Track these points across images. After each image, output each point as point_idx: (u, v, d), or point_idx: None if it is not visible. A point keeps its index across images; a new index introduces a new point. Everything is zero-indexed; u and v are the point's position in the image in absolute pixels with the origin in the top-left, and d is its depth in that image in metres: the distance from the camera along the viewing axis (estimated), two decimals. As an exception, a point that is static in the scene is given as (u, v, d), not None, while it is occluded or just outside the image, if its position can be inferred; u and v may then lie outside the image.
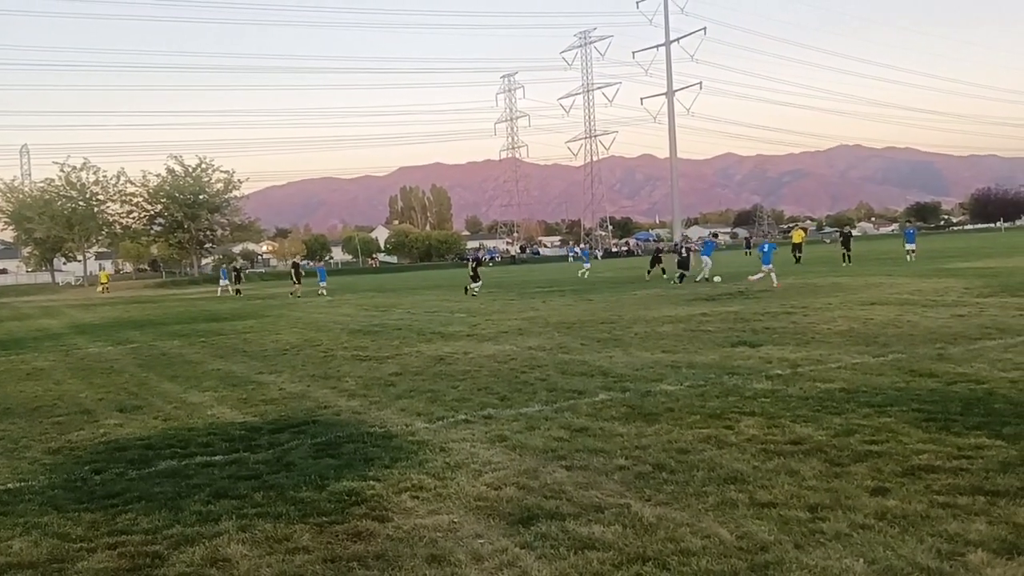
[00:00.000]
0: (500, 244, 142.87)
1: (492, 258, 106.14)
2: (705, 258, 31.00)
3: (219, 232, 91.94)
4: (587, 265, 43.04)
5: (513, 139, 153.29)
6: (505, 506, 5.24)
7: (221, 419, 8.84)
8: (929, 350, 10.62)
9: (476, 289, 30.01)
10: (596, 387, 9.39)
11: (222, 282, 48.28)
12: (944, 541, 4.24)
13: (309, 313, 26.06)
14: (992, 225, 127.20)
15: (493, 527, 4.88)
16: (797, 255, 40.22)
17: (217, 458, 7.00)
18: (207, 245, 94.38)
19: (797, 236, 43.90)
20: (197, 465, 6.81)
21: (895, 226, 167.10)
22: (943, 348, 10.71)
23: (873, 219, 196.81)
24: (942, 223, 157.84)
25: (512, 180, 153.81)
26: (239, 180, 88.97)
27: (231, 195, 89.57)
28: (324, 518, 5.21)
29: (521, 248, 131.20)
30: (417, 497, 5.57)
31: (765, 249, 27.09)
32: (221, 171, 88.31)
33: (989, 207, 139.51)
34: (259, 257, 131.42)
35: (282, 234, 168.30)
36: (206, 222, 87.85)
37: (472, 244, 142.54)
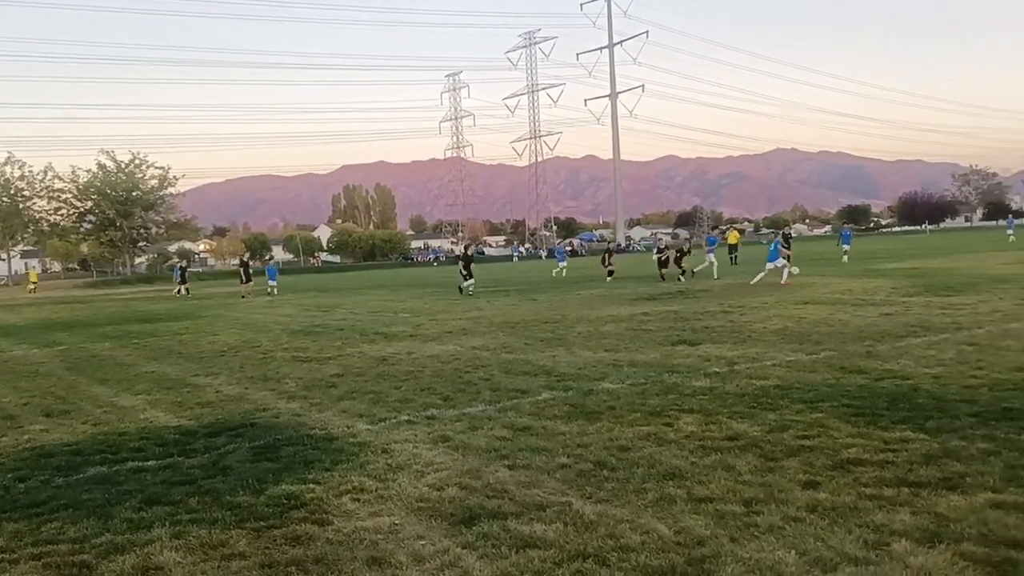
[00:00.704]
0: (445, 244, 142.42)
1: (436, 257, 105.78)
2: (710, 256, 31.82)
3: (153, 230, 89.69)
4: (563, 263, 42.17)
5: (458, 138, 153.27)
6: (447, 506, 5.23)
7: (154, 423, 8.63)
8: (858, 348, 10.93)
9: (471, 288, 28.73)
10: (539, 386, 9.43)
11: (177, 280, 44.73)
12: (871, 531, 4.37)
13: (248, 314, 25.61)
14: (918, 228, 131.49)
15: (435, 528, 4.87)
16: (733, 256, 41.03)
17: (150, 463, 6.83)
18: (141, 244, 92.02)
19: (733, 237, 44.72)
20: (128, 471, 6.64)
21: (828, 228, 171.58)
22: (871, 346, 11.04)
23: (808, 221, 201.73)
24: (872, 225, 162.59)
25: (457, 179, 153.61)
26: (175, 177, 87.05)
27: (166, 192, 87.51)
28: (261, 523, 5.13)
29: (465, 248, 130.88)
30: (358, 499, 5.51)
31: (772, 247, 26.76)
32: (156, 167, 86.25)
33: (915, 210, 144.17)
34: (195, 256, 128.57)
35: (220, 232, 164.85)
36: (140, 220, 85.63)
37: (416, 244, 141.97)
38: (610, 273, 33.12)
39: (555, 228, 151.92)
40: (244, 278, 38.76)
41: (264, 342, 16.27)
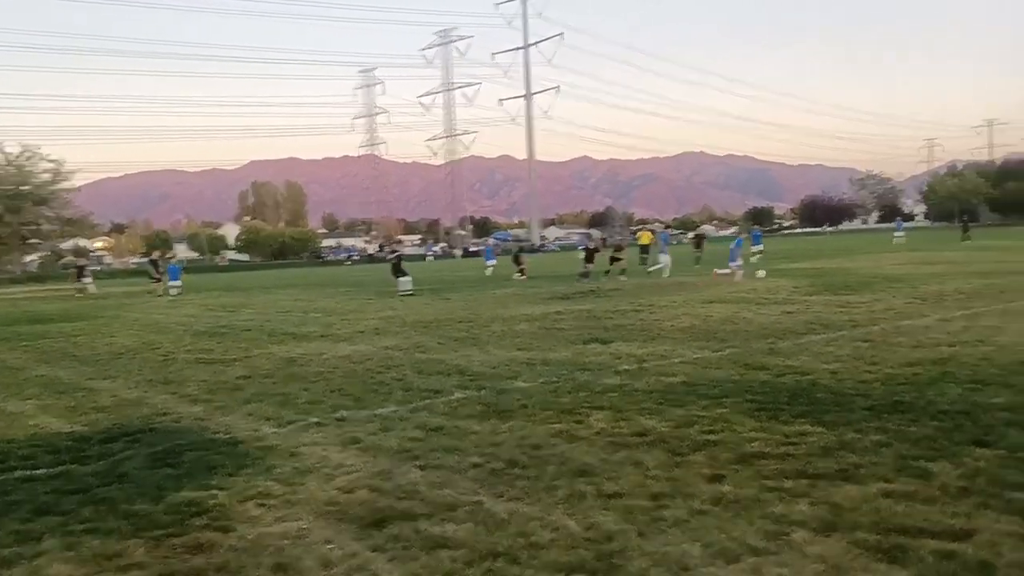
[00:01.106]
0: (358, 242, 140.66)
1: (349, 256, 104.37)
2: (664, 256, 31.33)
3: (45, 227, 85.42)
4: (491, 262, 41.30)
5: (372, 135, 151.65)
6: (357, 509, 5.16)
7: (45, 429, 8.20)
8: (761, 345, 11.28)
9: (406, 289, 27.44)
10: (452, 386, 9.39)
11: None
12: (771, 522, 4.51)
13: (148, 314, 24.66)
14: (819, 229, 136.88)
15: (343, 531, 4.80)
16: (644, 256, 41.81)
17: (40, 472, 6.49)
18: (31, 241, 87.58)
19: (645, 238, 45.50)
20: (16, 480, 6.29)
21: (734, 228, 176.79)
22: (774, 343, 11.40)
23: (715, 222, 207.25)
24: (775, 226, 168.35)
25: (371, 177, 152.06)
26: (69, 171, 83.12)
27: (60, 186, 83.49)
28: (160, 531, 4.93)
29: (379, 247, 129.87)
30: (264, 505, 5.37)
31: (732, 246, 26.69)
32: (48, 160, 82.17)
33: (816, 212, 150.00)
34: (91, 254, 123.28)
35: (118, 229, 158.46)
36: (30, 216, 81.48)
37: (329, 242, 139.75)
38: (521, 272, 33.12)
39: (470, 227, 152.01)
40: (154, 275, 36.75)
41: (165, 344, 15.70)
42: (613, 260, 30.38)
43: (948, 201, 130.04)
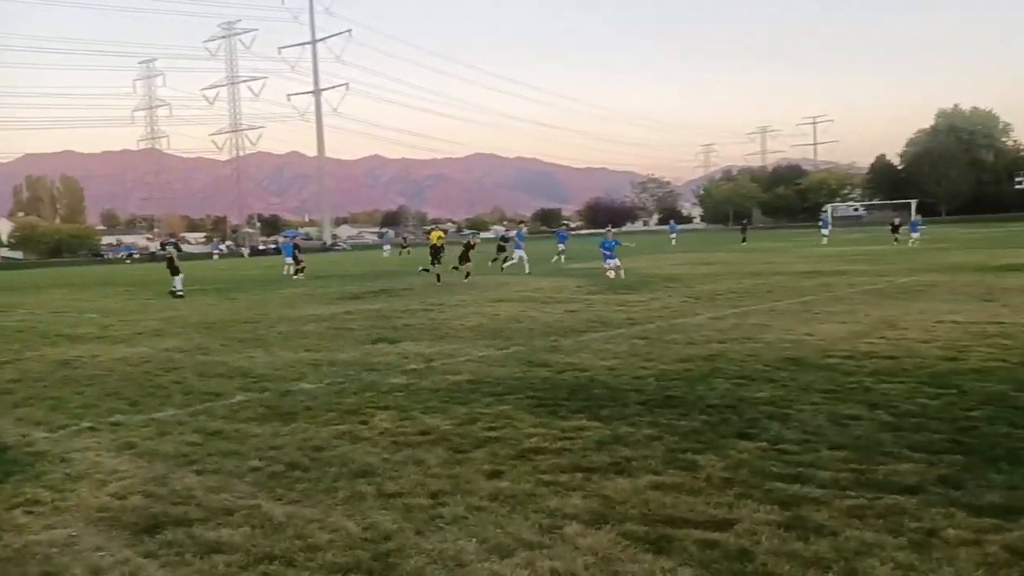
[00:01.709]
0: (140, 240, 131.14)
1: (130, 254, 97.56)
2: (519, 252, 31.50)
3: None
4: (290, 260, 38.36)
5: (153, 129, 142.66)
6: (130, 515, 4.96)
7: None
8: (544, 343, 11.75)
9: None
10: (234, 388, 9.09)
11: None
12: (545, 516, 4.67)
13: None
14: (602, 230, 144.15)
15: (115, 538, 4.60)
16: (435, 257, 42.18)
17: None
18: None
19: (435, 237, 45.64)
20: None
21: (524, 229, 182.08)
22: (556, 341, 11.90)
23: (506, 223, 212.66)
24: (562, 227, 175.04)
25: (152, 172, 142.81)
26: None
27: None
28: (-93, 547, 4.42)
29: (162, 245, 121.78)
30: (32, 512, 5.08)
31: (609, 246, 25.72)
32: None
33: (600, 214, 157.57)
34: None
35: None
36: None
37: (109, 239, 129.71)
38: (467, 275, 28.12)
39: (259, 225, 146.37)
40: None
41: (-97, 348, 13.90)
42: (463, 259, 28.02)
43: (723, 204, 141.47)
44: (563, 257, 35.73)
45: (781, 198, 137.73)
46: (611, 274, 24.22)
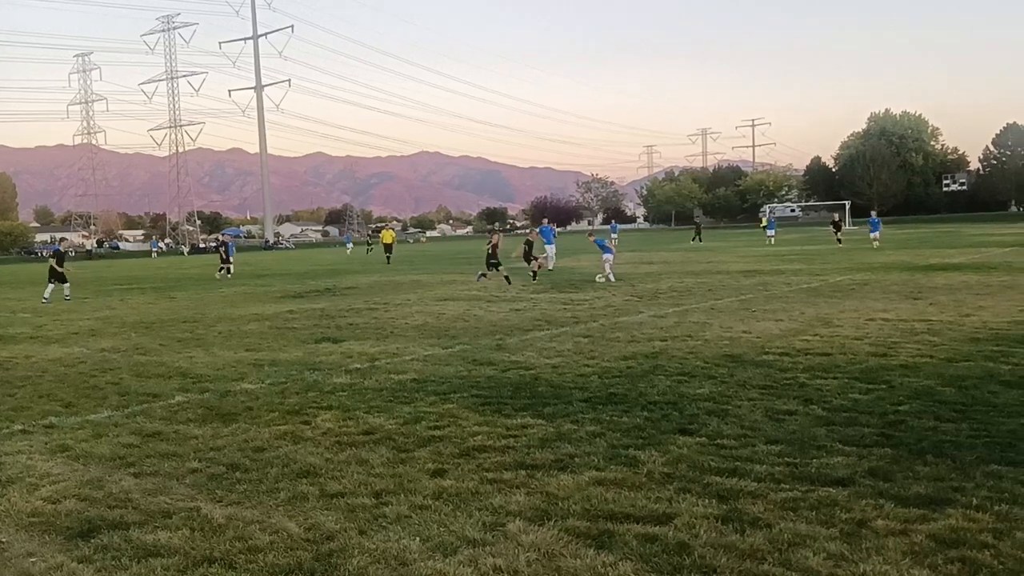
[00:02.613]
0: (75, 237, 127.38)
1: (66, 252, 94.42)
2: (551, 247, 29.71)
3: None
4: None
5: (89, 123, 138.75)
6: (63, 520, 4.84)
7: None
8: (490, 341, 11.77)
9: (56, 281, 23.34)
10: (173, 389, 8.92)
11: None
12: (489, 514, 4.69)
13: None
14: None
15: (48, 543, 4.49)
16: (388, 256, 42.10)
17: None
18: None
19: (388, 237, 45.61)
20: None
21: (470, 228, 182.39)
22: (501, 339, 11.94)
23: (451, 221, 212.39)
24: (508, 227, 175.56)
25: (88, 168, 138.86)
26: None
27: None
28: None
29: (99, 242, 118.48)
30: (-42, 520, 4.87)
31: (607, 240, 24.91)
32: None
33: (546, 213, 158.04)
34: None
35: None
36: None
37: (42, 237, 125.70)
38: (226, 269, 28.87)
39: (199, 222, 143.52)
40: None
41: None
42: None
43: (666, 205, 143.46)
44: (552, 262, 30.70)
45: (722, 199, 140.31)
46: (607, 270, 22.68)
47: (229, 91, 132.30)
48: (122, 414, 7.73)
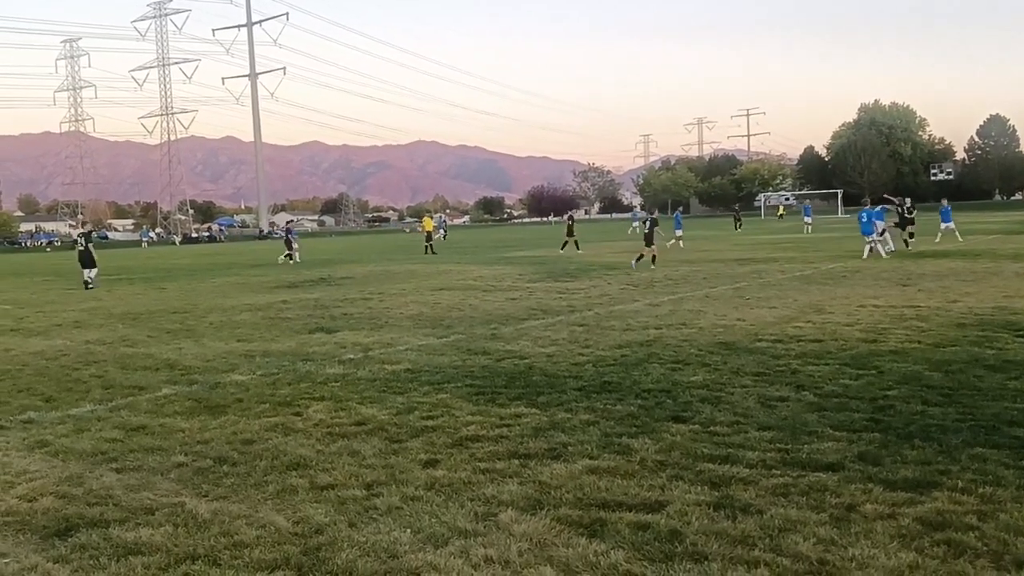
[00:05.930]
0: (61, 227, 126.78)
1: (50, 242, 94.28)
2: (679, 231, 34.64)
3: None
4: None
5: (77, 110, 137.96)
6: (40, 519, 4.71)
7: None
8: (485, 331, 11.69)
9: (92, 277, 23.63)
10: (160, 381, 8.78)
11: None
12: (481, 504, 4.62)
13: None
14: (545, 219, 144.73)
15: (24, 543, 4.36)
16: (428, 244, 39.96)
17: None
18: None
19: (428, 224, 42.08)
20: None
21: (467, 218, 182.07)
22: (496, 328, 11.85)
23: (448, 211, 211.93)
24: (505, 216, 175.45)
25: (76, 156, 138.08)
26: None
27: None
28: None
29: (87, 232, 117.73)
30: (-71, 519, 4.74)
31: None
32: None
33: (543, 203, 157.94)
34: None
35: None
36: None
37: (27, 226, 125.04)
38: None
39: (191, 212, 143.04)
40: None
41: None
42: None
43: (662, 193, 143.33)
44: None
45: (717, 187, 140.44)
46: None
47: (223, 79, 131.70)
48: (105, 408, 7.59)
